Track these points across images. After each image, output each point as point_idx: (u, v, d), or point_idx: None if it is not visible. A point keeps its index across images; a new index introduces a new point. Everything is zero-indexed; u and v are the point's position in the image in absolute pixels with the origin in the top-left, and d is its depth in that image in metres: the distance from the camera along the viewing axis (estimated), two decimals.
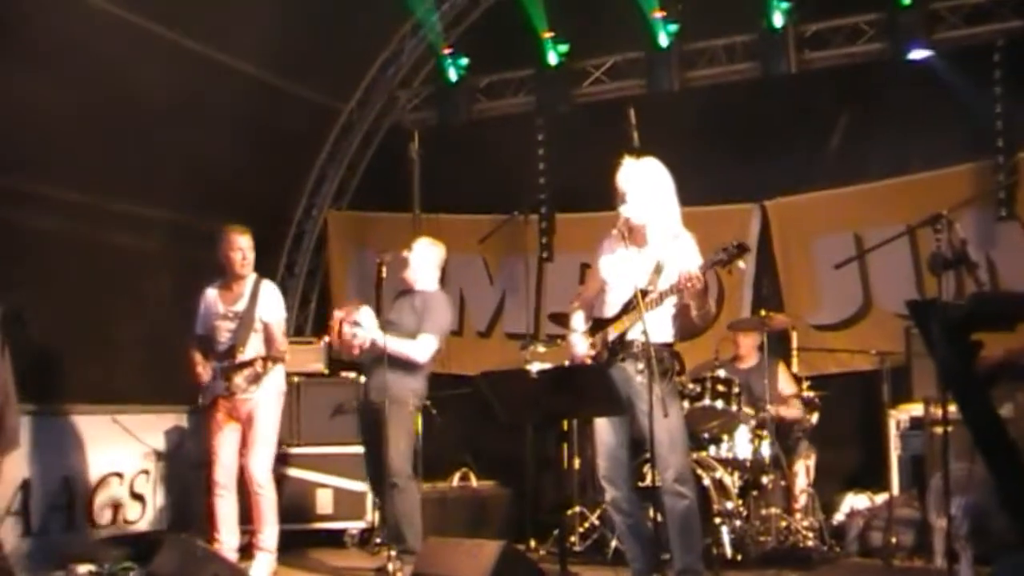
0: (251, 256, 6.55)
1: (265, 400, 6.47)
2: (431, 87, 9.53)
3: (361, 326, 6.46)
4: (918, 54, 7.78)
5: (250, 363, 6.33)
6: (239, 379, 6.33)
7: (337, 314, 6.67)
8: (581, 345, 5.39)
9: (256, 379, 6.33)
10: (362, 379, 8.17)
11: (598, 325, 5.38)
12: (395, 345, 6.41)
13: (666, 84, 8.44)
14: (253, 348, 6.47)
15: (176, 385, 8.02)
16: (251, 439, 6.45)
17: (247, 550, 6.63)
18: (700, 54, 8.56)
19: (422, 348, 6.52)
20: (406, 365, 6.49)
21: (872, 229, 7.80)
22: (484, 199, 8.86)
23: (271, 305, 6.59)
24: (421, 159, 8.81)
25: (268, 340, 6.52)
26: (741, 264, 5.04)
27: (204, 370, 6.49)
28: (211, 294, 6.66)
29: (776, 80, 8.18)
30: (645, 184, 5.25)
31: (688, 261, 5.11)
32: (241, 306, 6.52)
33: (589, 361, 5.33)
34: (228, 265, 6.55)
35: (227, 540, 6.49)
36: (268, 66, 8.37)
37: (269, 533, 6.49)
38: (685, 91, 8.47)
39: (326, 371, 8.41)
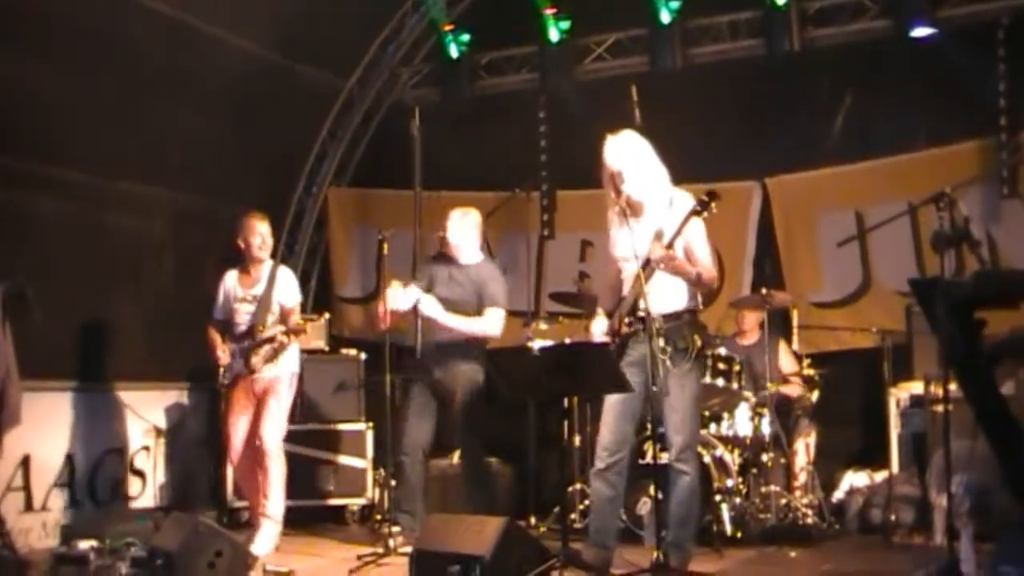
0: (269, 241, 6.72)
1: (279, 378, 6.62)
2: (432, 64, 9.48)
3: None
4: (922, 32, 7.74)
5: (270, 339, 6.44)
6: (256, 358, 6.47)
7: (393, 293, 6.41)
8: (598, 327, 5.37)
9: (274, 356, 6.48)
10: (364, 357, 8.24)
11: (617, 304, 5.37)
12: (467, 325, 6.49)
13: (668, 61, 8.38)
14: (270, 330, 6.55)
15: (177, 363, 8.06)
16: (264, 410, 6.58)
17: (252, 521, 6.72)
18: (703, 31, 8.51)
19: (494, 322, 6.57)
20: (472, 345, 6.56)
21: (873, 206, 7.80)
22: (485, 176, 8.82)
23: (287, 289, 6.70)
24: (422, 136, 8.78)
25: (284, 323, 6.59)
26: (714, 209, 5.06)
27: (224, 352, 6.59)
28: (230, 278, 6.77)
29: (779, 57, 8.14)
30: (637, 158, 5.26)
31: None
32: (259, 289, 6.64)
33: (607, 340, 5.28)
34: (247, 249, 6.67)
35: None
36: (269, 44, 8.33)
37: (275, 501, 6.58)
38: (688, 68, 8.42)
39: (327, 348, 8.42)
